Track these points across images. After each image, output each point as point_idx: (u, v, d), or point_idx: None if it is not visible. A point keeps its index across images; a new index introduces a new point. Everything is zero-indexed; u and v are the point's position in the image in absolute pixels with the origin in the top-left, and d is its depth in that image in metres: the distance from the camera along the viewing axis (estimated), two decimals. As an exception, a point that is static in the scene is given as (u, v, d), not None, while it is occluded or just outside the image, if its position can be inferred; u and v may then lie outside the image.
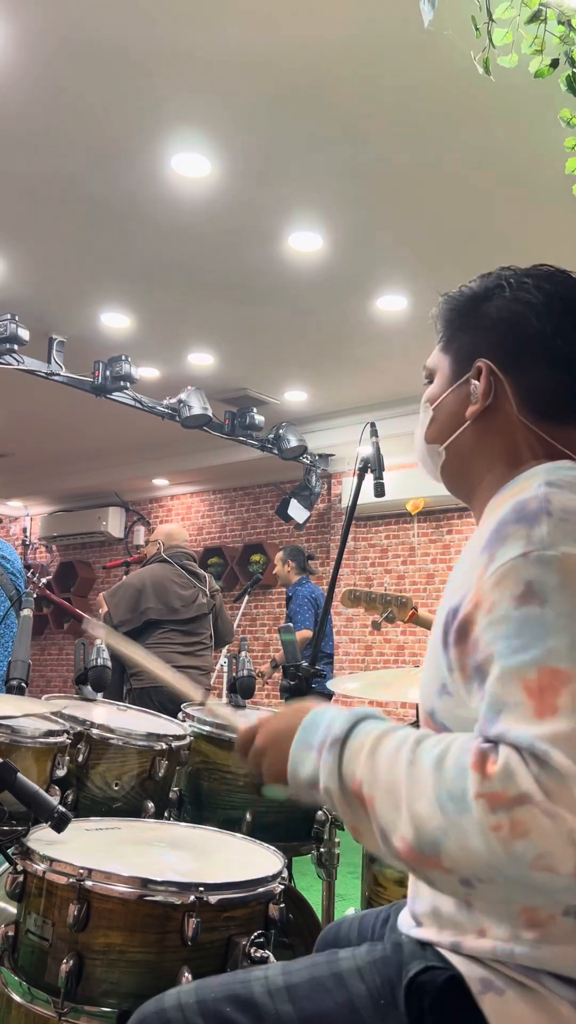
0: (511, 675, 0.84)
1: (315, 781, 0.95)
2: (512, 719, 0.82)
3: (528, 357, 1.07)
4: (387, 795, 0.87)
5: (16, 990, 1.28)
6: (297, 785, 0.98)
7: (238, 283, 5.05)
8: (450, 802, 0.81)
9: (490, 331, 1.10)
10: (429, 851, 0.82)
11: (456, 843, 0.80)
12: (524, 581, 0.87)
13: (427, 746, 0.88)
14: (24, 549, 10.61)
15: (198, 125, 3.64)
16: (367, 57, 3.20)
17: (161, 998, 1.05)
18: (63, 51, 3.23)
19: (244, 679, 2.41)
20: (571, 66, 2.22)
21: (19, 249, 4.76)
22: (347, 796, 0.91)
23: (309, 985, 1.01)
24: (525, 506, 0.92)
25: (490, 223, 4.29)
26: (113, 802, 1.88)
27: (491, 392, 1.08)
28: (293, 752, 0.98)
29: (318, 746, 0.96)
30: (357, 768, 0.91)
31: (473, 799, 0.80)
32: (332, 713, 0.98)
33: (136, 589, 4.30)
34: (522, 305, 1.08)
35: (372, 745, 0.91)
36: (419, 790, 0.84)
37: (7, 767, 1.32)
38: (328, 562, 7.95)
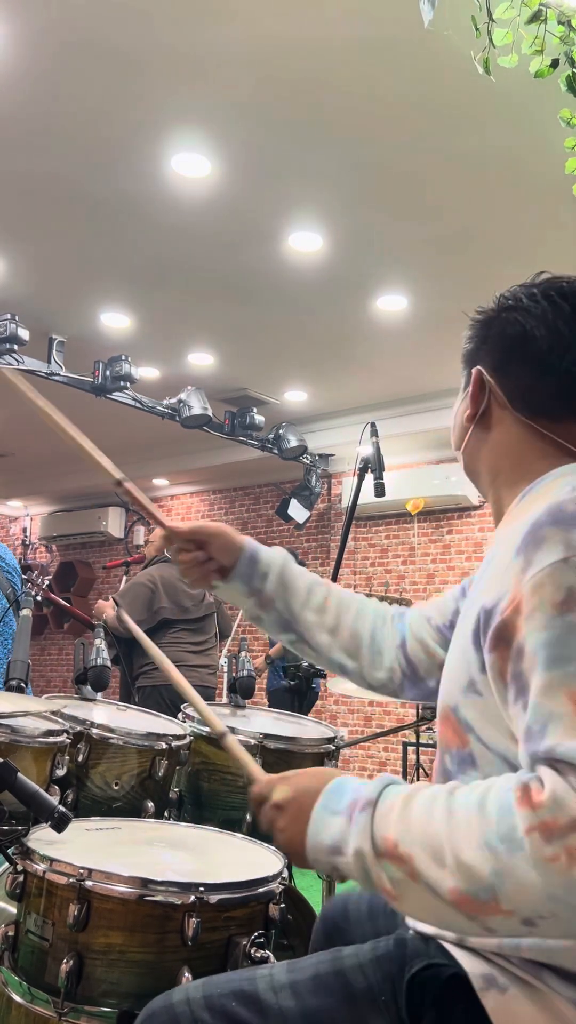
0: (557, 686, 0.83)
1: (339, 846, 0.92)
2: (560, 732, 0.82)
3: (518, 362, 1.11)
4: (427, 850, 0.85)
5: (16, 990, 1.28)
6: (317, 850, 0.95)
7: (238, 283, 5.05)
8: (500, 844, 0.80)
9: (489, 342, 1.15)
10: (486, 897, 0.81)
11: (513, 883, 0.79)
12: (566, 587, 0.87)
13: (462, 794, 0.87)
14: (24, 549, 10.61)
15: (198, 125, 3.64)
16: (367, 57, 3.20)
17: (169, 994, 1.07)
18: (63, 51, 3.23)
19: (244, 679, 2.41)
20: (571, 66, 2.22)
21: (19, 249, 4.76)
22: (380, 858, 0.89)
23: (312, 981, 1.02)
24: (562, 509, 0.92)
25: (490, 223, 4.29)
26: (113, 802, 1.88)
27: (483, 397, 1.14)
28: (315, 815, 0.95)
29: (346, 811, 0.93)
30: (390, 828, 0.89)
31: (524, 835, 0.79)
32: (358, 781, 0.97)
33: (149, 589, 4.30)
34: (516, 313, 1.12)
35: (403, 804, 0.90)
36: (463, 839, 0.83)
37: (7, 767, 1.32)
38: (328, 562, 7.95)
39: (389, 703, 7.31)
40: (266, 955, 1.27)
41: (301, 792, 0.99)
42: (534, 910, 0.79)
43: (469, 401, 1.15)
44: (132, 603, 4.28)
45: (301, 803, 0.98)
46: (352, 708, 7.58)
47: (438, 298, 5.01)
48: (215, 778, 2.05)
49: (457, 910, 0.84)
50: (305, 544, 8.12)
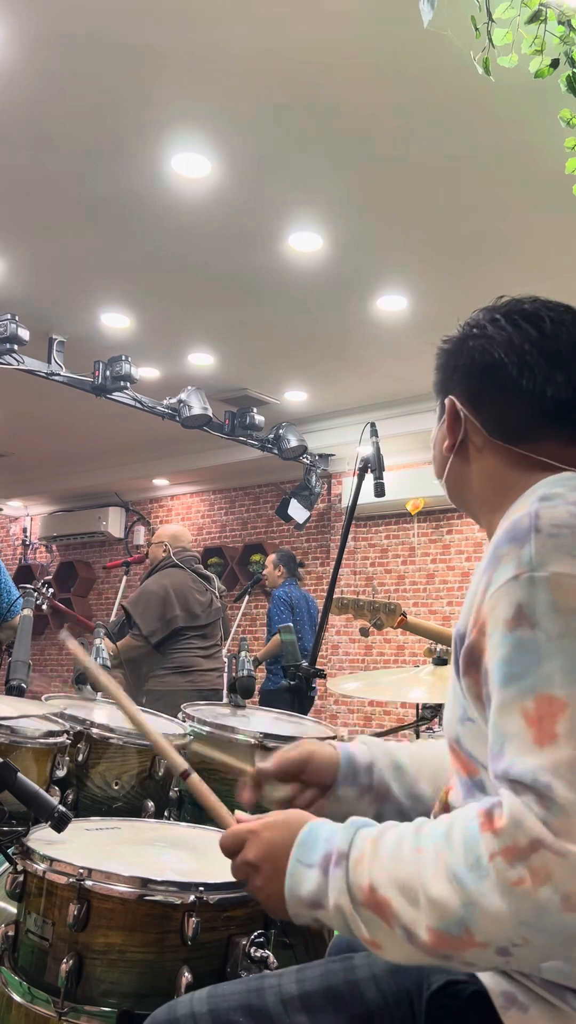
0: (509, 703, 0.84)
1: (318, 900, 0.91)
2: (513, 751, 0.82)
3: (490, 391, 1.11)
4: (400, 892, 0.84)
5: (16, 990, 1.28)
6: (297, 905, 0.93)
7: (238, 283, 5.05)
8: (468, 873, 0.80)
9: (459, 371, 1.15)
10: (458, 931, 0.80)
11: (482, 913, 0.78)
12: (515, 604, 0.87)
13: (429, 829, 0.87)
14: (24, 549, 10.61)
15: (198, 125, 3.64)
16: (367, 57, 3.20)
17: (173, 1006, 1.04)
18: (63, 51, 3.24)
19: (244, 679, 2.41)
20: (571, 66, 2.22)
21: (19, 249, 4.76)
22: (359, 909, 0.87)
23: (324, 994, 0.99)
24: (517, 525, 0.92)
25: (490, 223, 4.29)
26: (113, 802, 1.88)
27: (460, 427, 1.13)
28: (291, 870, 0.94)
29: (320, 863, 0.92)
30: (363, 875, 0.88)
31: (488, 861, 0.78)
32: (329, 828, 0.95)
33: (160, 597, 4.28)
34: (482, 340, 1.12)
35: (372, 847, 0.89)
36: (431, 874, 0.82)
37: (7, 767, 1.32)
38: (328, 562, 7.95)
39: (389, 703, 7.31)
40: (266, 955, 1.27)
41: (273, 847, 0.97)
42: (507, 939, 0.79)
43: (446, 431, 1.15)
44: (145, 612, 4.26)
45: (274, 859, 0.96)
46: (352, 708, 7.59)
47: (438, 298, 5.01)
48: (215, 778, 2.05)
49: (433, 951, 0.82)
50: (305, 544, 8.13)
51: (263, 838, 0.99)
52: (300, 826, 0.97)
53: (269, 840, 0.98)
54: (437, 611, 7.26)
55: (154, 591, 4.32)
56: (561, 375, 1.07)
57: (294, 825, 0.98)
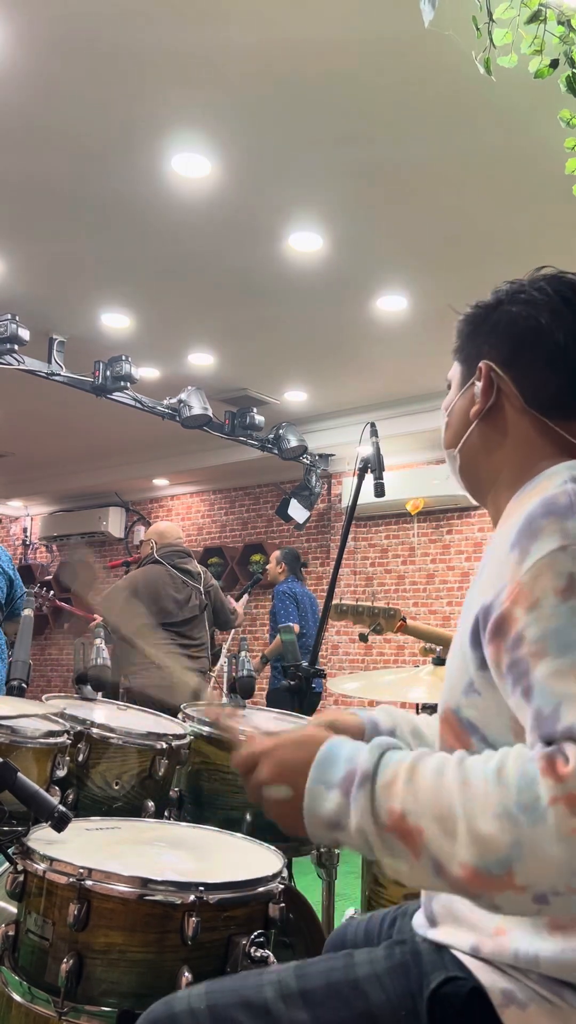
0: (567, 670, 0.83)
1: (338, 821, 0.89)
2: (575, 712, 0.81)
3: (529, 356, 1.08)
4: (437, 822, 0.82)
5: (16, 990, 1.29)
6: (316, 826, 0.91)
7: (238, 283, 5.05)
8: (522, 814, 0.78)
9: (495, 335, 1.11)
10: (498, 871, 0.79)
11: (531, 856, 0.77)
12: (566, 574, 0.87)
13: (476, 763, 0.85)
14: (24, 549, 10.60)
15: (198, 125, 3.64)
16: (367, 57, 3.20)
17: (170, 1001, 1.02)
18: (63, 51, 3.24)
19: (244, 679, 2.41)
20: (571, 66, 2.22)
21: (19, 249, 4.76)
22: (383, 834, 0.86)
23: (325, 991, 0.98)
24: (555, 501, 0.92)
25: (490, 223, 4.29)
26: (113, 802, 1.88)
27: (493, 391, 1.10)
28: (309, 789, 0.92)
29: (340, 783, 0.90)
30: (395, 800, 0.86)
31: (548, 805, 0.77)
32: (351, 746, 0.93)
33: (126, 592, 4.28)
34: (525, 306, 1.09)
35: (407, 773, 0.87)
36: (479, 809, 0.80)
37: (7, 767, 1.32)
38: (328, 562, 7.95)
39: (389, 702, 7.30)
40: (266, 954, 1.27)
41: (289, 766, 0.95)
42: (551, 886, 0.77)
43: (480, 396, 1.11)
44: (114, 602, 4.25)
45: (291, 775, 0.94)
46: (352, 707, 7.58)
47: (438, 298, 5.01)
48: (215, 778, 2.05)
49: (462, 888, 0.81)
50: (305, 544, 8.12)
51: (278, 757, 0.97)
52: (319, 743, 0.95)
53: (285, 759, 0.96)
54: (437, 611, 7.26)
55: (121, 586, 4.33)
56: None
57: (312, 743, 0.95)
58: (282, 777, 0.95)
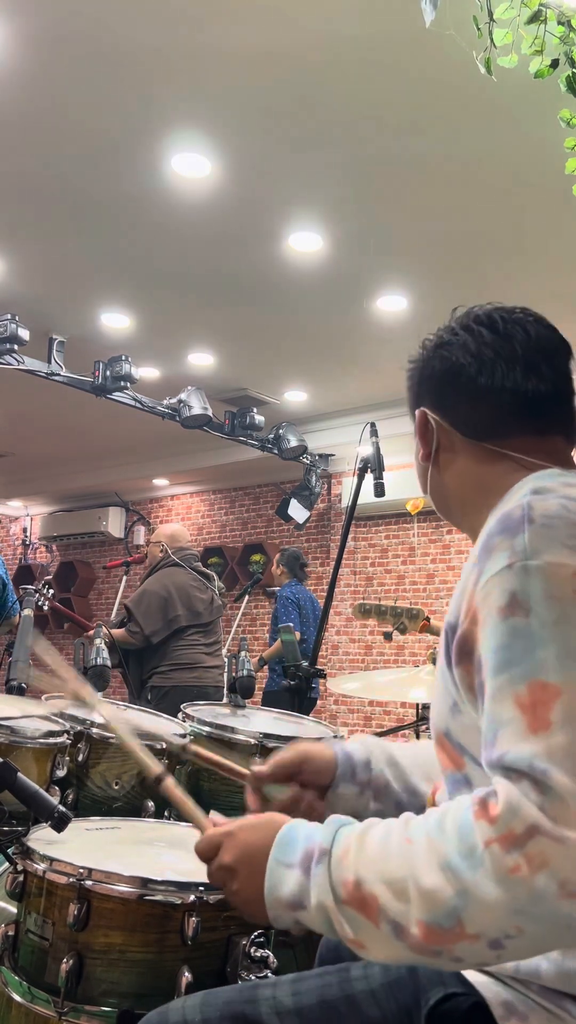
0: (503, 690, 0.83)
1: (298, 900, 0.89)
2: (508, 738, 0.81)
3: (453, 394, 1.14)
4: (389, 885, 0.82)
5: (16, 990, 1.28)
6: (276, 907, 0.90)
7: (238, 283, 5.05)
8: (461, 861, 0.78)
9: (424, 384, 1.19)
10: (449, 923, 0.78)
11: (476, 902, 0.77)
12: (508, 592, 0.87)
13: (419, 821, 0.85)
14: (24, 549, 10.61)
15: (198, 125, 3.64)
16: (367, 57, 3.20)
17: (165, 1011, 1.02)
18: (63, 51, 3.24)
19: (244, 679, 2.41)
20: (571, 66, 2.22)
21: (19, 249, 4.76)
22: (342, 907, 0.85)
23: (320, 1008, 0.97)
24: (509, 516, 0.93)
25: (490, 223, 4.29)
26: (113, 801, 1.88)
27: (430, 434, 1.17)
28: (269, 871, 0.91)
29: (300, 862, 0.90)
30: (348, 871, 0.86)
31: (484, 849, 0.77)
32: (308, 827, 0.94)
33: (162, 598, 4.29)
34: (441, 350, 1.16)
35: (357, 842, 0.87)
36: (423, 865, 0.81)
37: (7, 767, 1.32)
38: (328, 562, 7.95)
39: (389, 703, 7.31)
40: (266, 954, 1.27)
41: (250, 849, 0.95)
42: (500, 929, 0.77)
43: (420, 442, 1.19)
44: (147, 612, 4.26)
45: (252, 861, 0.94)
46: (352, 708, 7.59)
47: (438, 298, 5.01)
48: (215, 778, 2.05)
49: (421, 948, 0.81)
50: (305, 544, 8.12)
51: (239, 840, 0.97)
52: (278, 827, 0.95)
53: (245, 842, 0.96)
54: (437, 611, 7.26)
55: (156, 591, 4.33)
56: (519, 371, 1.10)
57: (271, 826, 0.96)
58: (244, 859, 0.95)
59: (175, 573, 4.42)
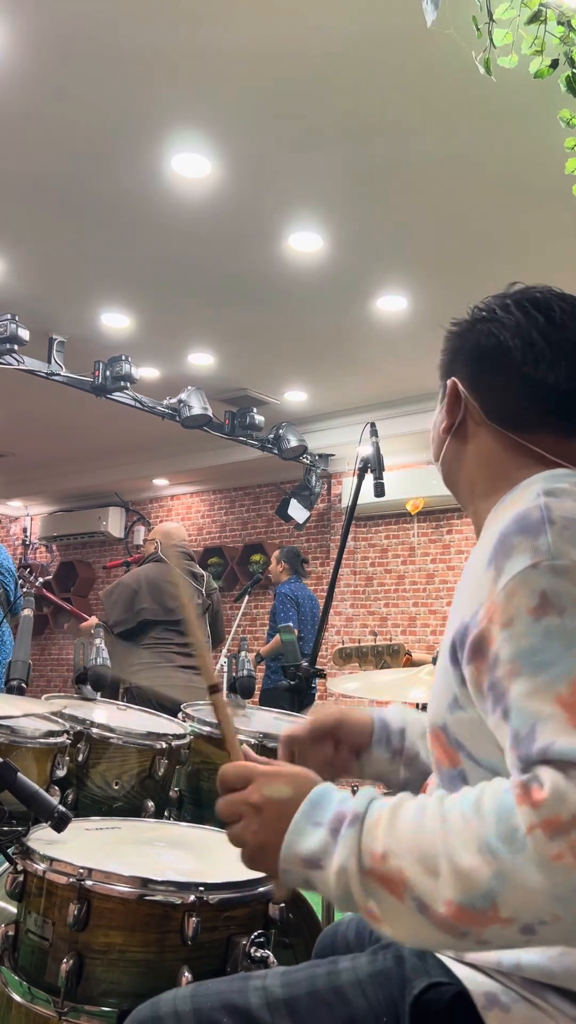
0: (542, 690, 0.83)
1: (317, 859, 0.88)
2: (552, 731, 0.81)
3: (491, 373, 1.11)
4: (419, 862, 0.82)
5: (16, 990, 1.28)
6: (291, 860, 0.90)
7: (238, 283, 5.05)
8: (501, 844, 0.78)
9: (463, 354, 1.15)
10: (482, 905, 0.78)
11: (514, 886, 0.76)
12: (539, 592, 0.87)
13: (454, 800, 0.84)
14: (24, 549, 10.61)
15: (198, 125, 3.64)
16: (367, 58, 3.20)
17: (156, 1003, 1.03)
18: (63, 51, 3.24)
19: (244, 679, 2.41)
20: (571, 66, 2.22)
21: (19, 249, 4.76)
22: (365, 876, 0.85)
23: (308, 999, 0.98)
24: (527, 516, 0.93)
25: (490, 223, 4.29)
26: (113, 801, 1.88)
27: (459, 408, 1.14)
28: (295, 823, 0.90)
29: (329, 822, 0.89)
30: (377, 842, 0.85)
31: (527, 833, 0.77)
32: (342, 792, 0.93)
33: (132, 589, 4.29)
34: (489, 325, 1.12)
35: (389, 815, 0.87)
36: (459, 844, 0.80)
37: (7, 767, 1.32)
38: (328, 562, 7.95)
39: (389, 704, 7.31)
40: (266, 954, 1.27)
41: (282, 796, 0.94)
42: (536, 915, 0.77)
43: (445, 413, 1.16)
44: (115, 603, 4.26)
45: (279, 808, 0.93)
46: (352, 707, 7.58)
47: (438, 298, 5.01)
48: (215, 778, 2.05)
49: (448, 927, 0.80)
50: (305, 544, 8.12)
51: (271, 785, 0.96)
52: (313, 783, 0.94)
53: (277, 790, 0.95)
54: (437, 611, 7.26)
55: (128, 583, 4.33)
56: (565, 365, 1.07)
57: (307, 781, 0.95)
58: (272, 804, 0.94)
59: (152, 567, 4.42)
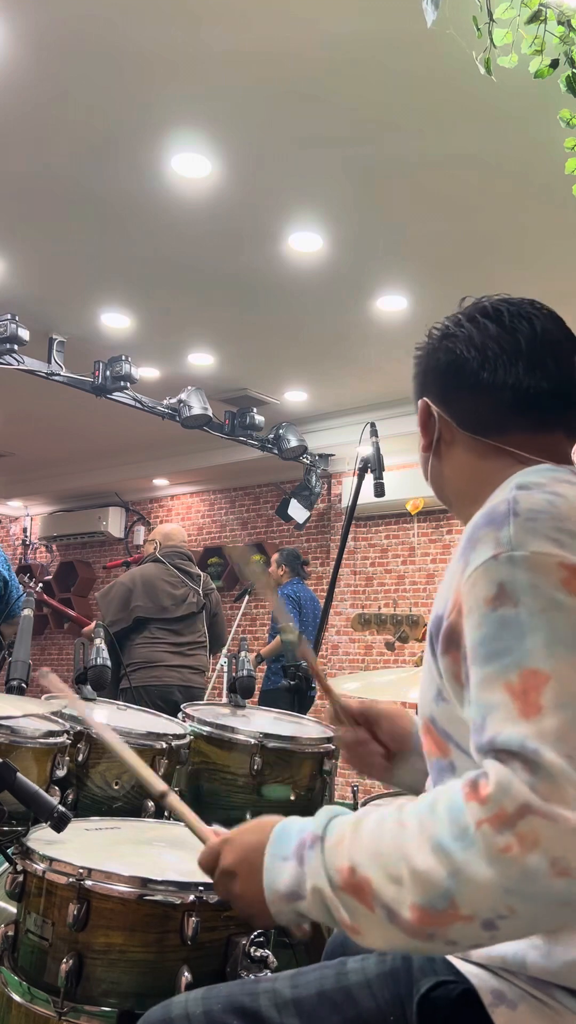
0: (493, 679, 0.84)
1: (295, 891, 0.90)
2: (499, 721, 0.82)
3: (456, 387, 1.15)
4: (383, 869, 0.83)
5: (16, 990, 1.28)
6: (276, 902, 0.91)
7: (238, 283, 5.05)
8: (453, 843, 0.79)
9: (429, 374, 1.20)
10: (442, 905, 0.79)
11: (468, 882, 0.78)
12: (496, 583, 0.88)
13: (412, 806, 0.86)
14: (24, 549, 10.61)
15: (198, 125, 3.64)
16: (368, 57, 3.20)
17: (168, 1005, 1.04)
18: (63, 51, 3.23)
19: (244, 679, 2.42)
20: (571, 66, 2.22)
21: (19, 249, 4.76)
22: (338, 892, 0.86)
23: (317, 999, 0.99)
24: (495, 510, 0.94)
25: (490, 223, 4.29)
26: (113, 801, 1.88)
27: (432, 425, 1.18)
28: (267, 866, 0.93)
29: (294, 853, 0.91)
30: (342, 857, 0.87)
31: (475, 829, 0.78)
32: (301, 821, 0.95)
33: (127, 588, 4.30)
34: (447, 341, 1.16)
35: (352, 829, 0.88)
36: (416, 847, 0.81)
37: (7, 767, 1.32)
38: (328, 562, 7.95)
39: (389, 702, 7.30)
40: (266, 954, 1.28)
41: (247, 850, 0.96)
42: (492, 909, 0.78)
43: (421, 432, 1.20)
44: (110, 602, 4.28)
45: (250, 861, 0.95)
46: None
47: (438, 298, 5.01)
48: (215, 778, 2.06)
49: (415, 931, 0.81)
50: (305, 544, 8.13)
51: (236, 843, 0.99)
52: (272, 824, 0.96)
53: (243, 843, 0.98)
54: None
55: (123, 582, 4.35)
56: (521, 366, 1.10)
57: (266, 825, 0.97)
58: (243, 860, 0.96)
59: (148, 567, 4.43)
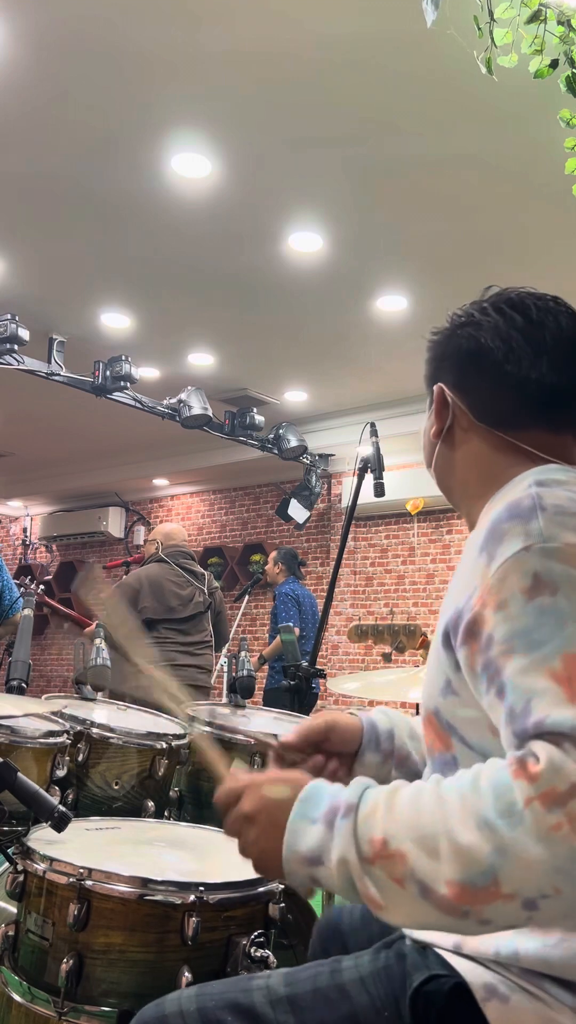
0: (536, 667, 0.84)
1: (318, 856, 0.88)
2: (546, 705, 0.81)
3: (475, 376, 1.13)
4: (419, 843, 0.82)
5: (16, 990, 1.28)
6: (293, 861, 0.90)
7: (238, 283, 5.05)
8: (499, 819, 0.78)
9: (447, 360, 1.17)
10: (483, 882, 0.78)
11: (514, 861, 0.77)
12: (531, 573, 0.88)
13: (451, 781, 0.85)
14: (24, 549, 10.60)
15: (198, 125, 3.64)
16: (368, 57, 3.20)
17: (162, 1003, 1.04)
18: (63, 51, 3.23)
19: (244, 679, 2.41)
20: (571, 66, 2.22)
21: (19, 249, 4.76)
22: (365, 866, 0.84)
23: (311, 996, 0.99)
24: (518, 504, 0.94)
25: (489, 223, 4.29)
26: (113, 801, 1.88)
27: (447, 413, 1.16)
28: (291, 824, 0.90)
29: (324, 817, 0.89)
30: (375, 829, 0.85)
31: (524, 807, 0.77)
32: (334, 786, 0.93)
33: (133, 589, 4.31)
34: (469, 329, 1.14)
35: (387, 801, 0.87)
36: (458, 823, 0.80)
37: (7, 767, 1.32)
38: (328, 562, 7.95)
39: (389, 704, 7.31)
40: (266, 955, 1.28)
41: (272, 801, 0.94)
42: (538, 888, 0.77)
43: (434, 418, 1.17)
44: (118, 603, 4.28)
45: (273, 812, 0.93)
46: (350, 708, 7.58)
47: (438, 298, 5.01)
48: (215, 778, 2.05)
49: (450, 908, 0.80)
50: (305, 544, 8.12)
51: (263, 791, 0.96)
52: (304, 783, 0.94)
53: (269, 793, 0.95)
54: (437, 611, 7.24)
55: (129, 583, 4.36)
56: (546, 362, 1.09)
57: (297, 781, 0.95)
58: (265, 810, 0.94)
59: (153, 567, 4.44)
